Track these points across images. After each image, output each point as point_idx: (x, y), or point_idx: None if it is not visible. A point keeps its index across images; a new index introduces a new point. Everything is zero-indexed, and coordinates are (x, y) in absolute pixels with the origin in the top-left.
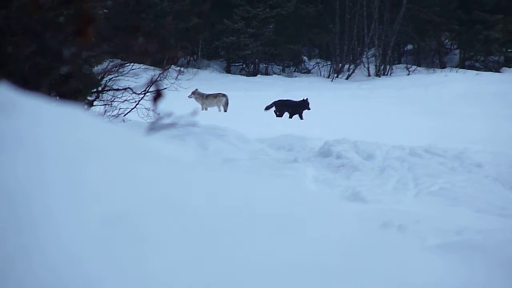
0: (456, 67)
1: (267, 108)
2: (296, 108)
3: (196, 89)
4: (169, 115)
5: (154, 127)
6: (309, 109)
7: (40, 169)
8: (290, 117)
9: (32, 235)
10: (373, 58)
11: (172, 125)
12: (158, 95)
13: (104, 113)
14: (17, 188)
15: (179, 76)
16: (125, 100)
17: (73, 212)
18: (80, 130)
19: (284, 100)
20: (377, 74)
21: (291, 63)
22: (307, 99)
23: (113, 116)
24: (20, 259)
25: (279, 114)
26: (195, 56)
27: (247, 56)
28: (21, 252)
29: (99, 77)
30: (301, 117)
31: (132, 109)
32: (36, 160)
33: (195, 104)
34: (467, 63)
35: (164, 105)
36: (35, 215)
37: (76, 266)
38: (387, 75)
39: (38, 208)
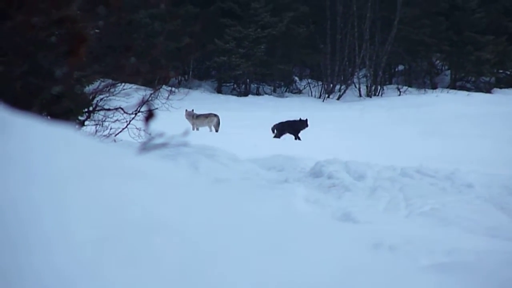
0: (447, 87)
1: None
2: (297, 127)
3: (189, 110)
4: (160, 135)
5: (145, 147)
6: (307, 126)
7: (32, 191)
8: (296, 138)
9: (25, 257)
10: (364, 79)
11: (163, 145)
12: (150, 115)
13: (95, 133)
14: (9, 210)
15: (170, 96)
16: (116, 120)
17: (64, 234)
18: (71, 150)
19: (284, 122)
20: (368, 95)
21: (282, 83)
22: (306, 119)
23: (104, 136)
24: (15, 281)
25: (278, 135)
26: (186, 76)
27: (238, 76)
28: (15, 274)
29: (91, 97)
30: (296, 137)
31: (123, 129)
32: (27, 181)
33: (186, 124)
34: (458, 83)
35: (155, 125)
36: (27, 237)
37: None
38: (378, 95)
39: (30, 230)
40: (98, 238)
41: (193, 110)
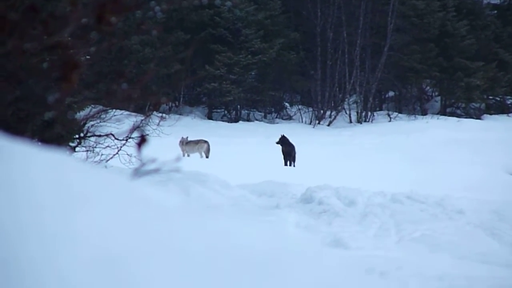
0: (438, 114)
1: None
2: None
3: (184, 137)
4: (152, 161)
5: (137, 173)
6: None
7: (35, 213)
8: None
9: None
10: (355, 105)
11: (155, 171)
12: (142, 141)
13: (87, 159)
14: (15, 232)
15: (161, 122)
16: (107, 146)
17: (65, 254)
18: (71, 175)
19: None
20: (359, 121)
21: (272, 109)
22: (283, 136)
23: (95, 162)
24: None
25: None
26: (177, 102)
27: (229, 103)
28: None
29: (82, 123)
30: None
31: (114, 155)
32: (30, 204)
33: (177, 150)
34: (448, 110)
35: (146, 151)
36: (32, 255)
37: None
38: (368, 121)
39: (34, 248)
40: (95, 259)
41: (187, 137)
